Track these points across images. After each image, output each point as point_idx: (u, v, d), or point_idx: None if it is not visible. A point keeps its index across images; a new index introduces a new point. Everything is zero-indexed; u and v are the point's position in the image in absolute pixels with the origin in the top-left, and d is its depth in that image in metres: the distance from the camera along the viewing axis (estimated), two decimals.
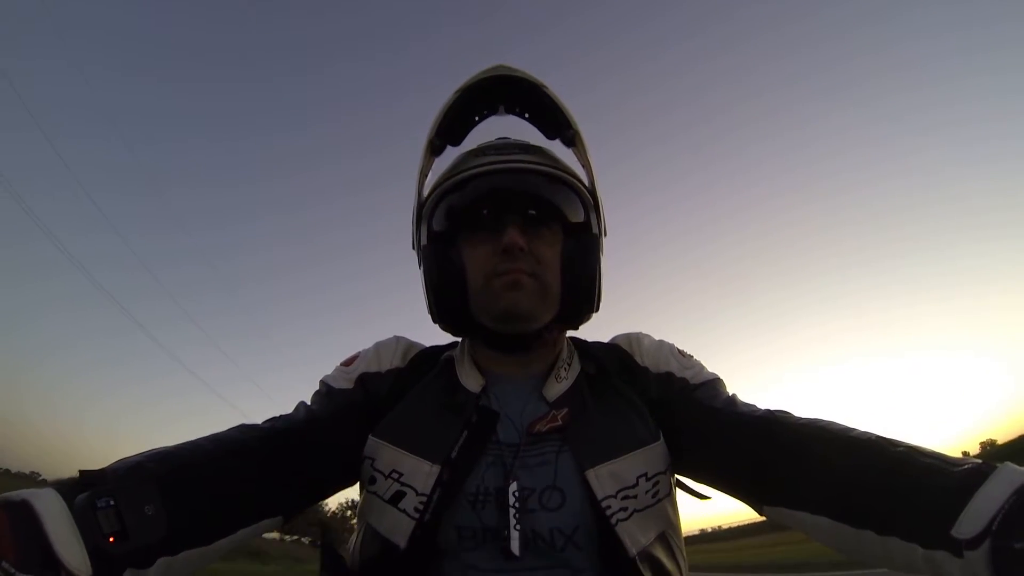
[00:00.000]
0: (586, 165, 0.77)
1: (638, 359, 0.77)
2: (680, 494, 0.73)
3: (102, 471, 0.50)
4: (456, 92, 0.75)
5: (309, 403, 0.74)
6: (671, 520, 0.68)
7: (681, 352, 0.79)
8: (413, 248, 0.79)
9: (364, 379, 0.75)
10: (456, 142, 0.80)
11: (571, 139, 0.78)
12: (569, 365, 0.75)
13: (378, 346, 0.81)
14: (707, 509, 0.74)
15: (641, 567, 0.60)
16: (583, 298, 0.73)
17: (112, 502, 0.47)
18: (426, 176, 0.79)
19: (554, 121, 0.78)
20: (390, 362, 0.78)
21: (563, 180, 0.73)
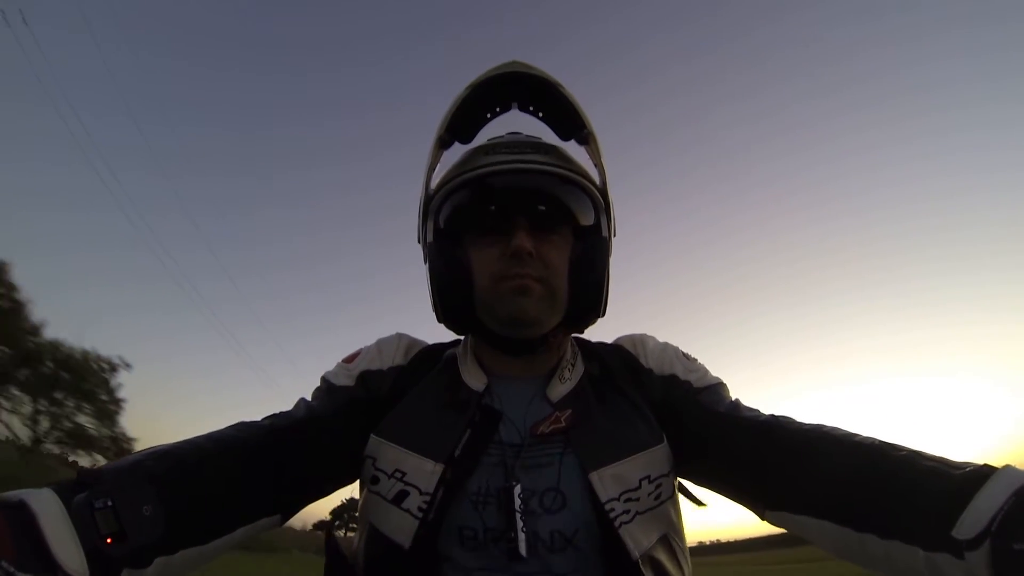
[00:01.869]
0: (598, 165, 0.76)
1: (642, 361, 0.77)
2: (683, 497, 0.72)
3: (99, 470, 0.49)
4: (468, 87, 0.73)
5: (310, 400, 0.73)
6: (673, 523, 0.67)
7: (686, 355, 0.79)
8: (419, 243, 0.78)
9: (365, 376, 0.74)
10: (467, 139, 0.78)
11: (584, 139, 0.76)
12: (573, 366, 0.75)
13: (380, 343, 0.80)
14: (706, 520, 0.74)
15: (644, 569, 0.59)
16: (590, 304, 0.72)
17: (110, 503, 0.46)
18: (434, 170, 0.77)
19: (568, 121, 0.76)
20: (392, 359, 0.77)
21: (574, 182, 0.71)
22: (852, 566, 0.57)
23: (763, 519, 0.64)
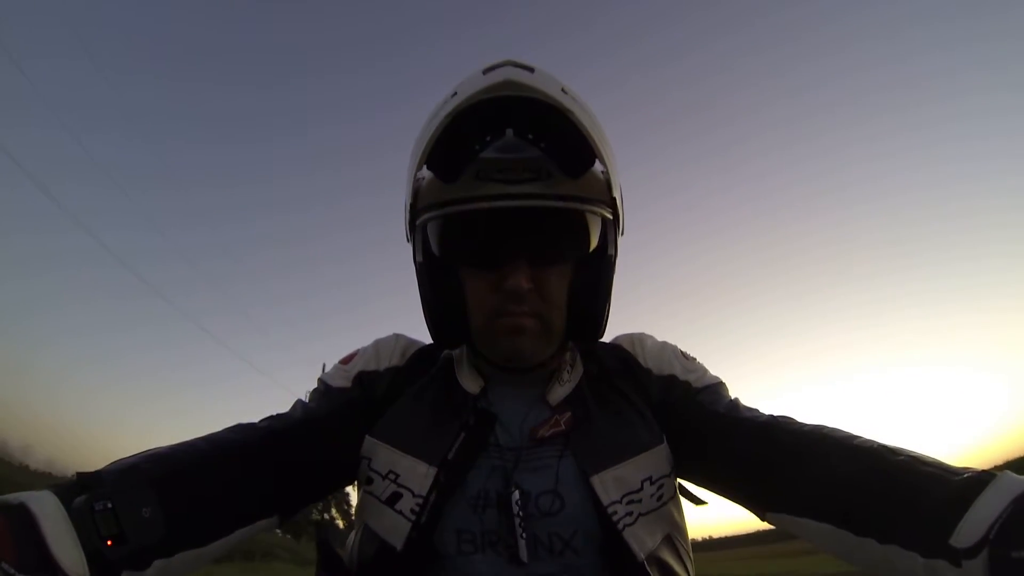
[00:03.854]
0: (610, 178, 0.66)
1: (641, 361, 0.76)
2: (683, 497, 0.72)
3: (98, 473, 0.50)
4: (447, 116, 0.58)
5: (307, 401, 0.73)
6: (677, 523, 0.67)
7: (684, 354, 0.78)
8: (408, 240, 0.73)
9: (362, 377, 0.74)
10: (450, 179, 0.64)
11: (601, 166, 0.66)
12: (571, 367, 0.74)
13: (377, 344, 0.80)
14: (704, 516, 0.74)
15: (650, 570, 0.59)
16: (588, 333, 0.70)
17: (109, 505, 0.47)
18: (420, 166, 0.65)
19: (577, 155, 0.62)
20: (389, 360, 0.77)
21: (578, 210, 0.65)
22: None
23: (763, 520, 0.63)
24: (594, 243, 0.68)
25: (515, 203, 0.62)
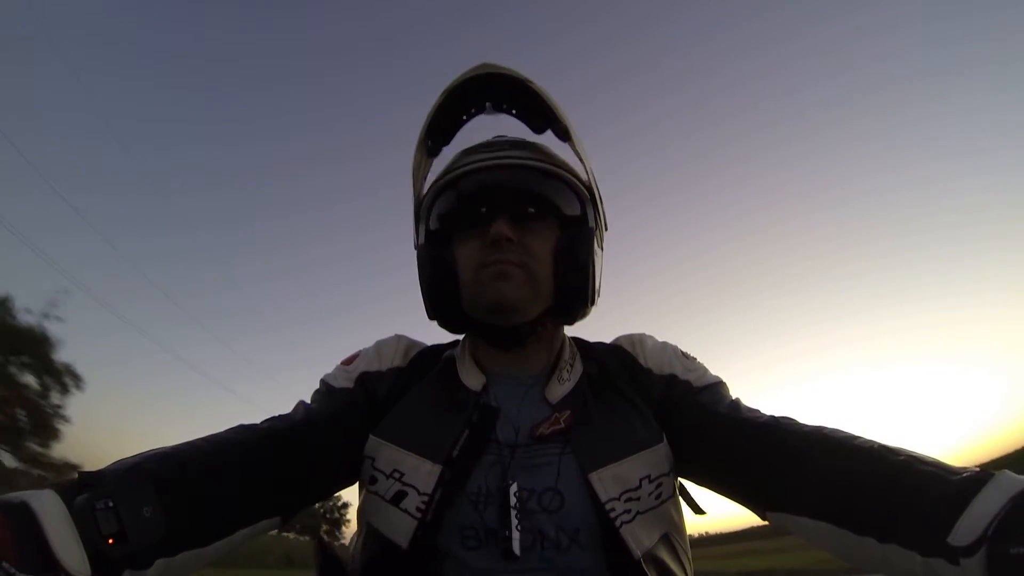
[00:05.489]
0: (581, 158, 0.76)
1: (641, 361, 0.77)
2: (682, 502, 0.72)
3: (100, 472, 0.50)
4: (442, 94, 0.73)
5: (309, 402, 0.73)
6: (675, 521, 0.68)
7: (684, 354, 0.78)
8: (415, 248, 0.79)
9: (364, 378, 0.74)
10: (446, 142, 0.79)
11: (562, 132, 0.76)
12: (571, 366, 0.75)
13: (379, 345, 0.80)
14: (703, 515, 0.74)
15: (647, 568, 0.60)
16: (576, 291, 0.72)
17: (111, 503, 0.47)
18: (424, 176, 0.79)
19: (541, 115, 0.76)
20: (391, 361, 0.77)
21: (555, 174, 0.73)
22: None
23: (763, 519, 0.64)
24: (573, 211, 0.74)
25: (497, 161, 0.72)
